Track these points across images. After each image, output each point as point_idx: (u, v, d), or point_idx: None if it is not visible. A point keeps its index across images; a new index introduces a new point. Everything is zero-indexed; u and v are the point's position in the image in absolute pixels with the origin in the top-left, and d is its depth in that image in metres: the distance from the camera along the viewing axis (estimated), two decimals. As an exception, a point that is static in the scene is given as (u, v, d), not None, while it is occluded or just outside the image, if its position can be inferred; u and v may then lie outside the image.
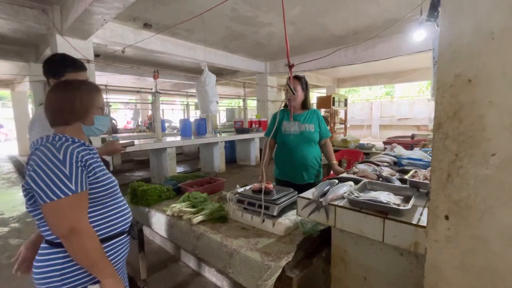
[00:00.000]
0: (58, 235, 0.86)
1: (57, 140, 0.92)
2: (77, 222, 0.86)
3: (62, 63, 1.43)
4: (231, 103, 18.09)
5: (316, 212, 1.23)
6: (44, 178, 0.83)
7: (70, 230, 0.84)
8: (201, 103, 3.82)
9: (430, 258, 0.74)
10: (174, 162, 5.55)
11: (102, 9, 3.25)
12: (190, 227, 1.57)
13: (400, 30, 5.32)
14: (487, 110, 0.62)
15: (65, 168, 0.86)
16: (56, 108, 0.98)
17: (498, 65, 0.60)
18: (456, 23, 0.65)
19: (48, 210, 0.84)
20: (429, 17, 1.39)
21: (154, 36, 5.08)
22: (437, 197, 0.72)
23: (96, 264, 0.89)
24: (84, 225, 0.89)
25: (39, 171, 0.84)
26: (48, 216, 0.85)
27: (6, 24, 4.58)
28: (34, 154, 0.89)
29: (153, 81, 5.33)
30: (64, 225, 0.84)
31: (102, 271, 0.90)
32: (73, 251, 0.87)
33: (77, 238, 0.85)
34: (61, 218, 0.84)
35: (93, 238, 0.90)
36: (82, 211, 0.90)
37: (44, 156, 0.86)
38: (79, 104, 0.99)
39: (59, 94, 0.99)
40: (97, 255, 0.89)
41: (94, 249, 0.89)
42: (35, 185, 0.83)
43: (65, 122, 0.98)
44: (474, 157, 0.65)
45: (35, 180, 0.84)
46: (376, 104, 15.83)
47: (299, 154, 2.05)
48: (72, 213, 0.86)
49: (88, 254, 0.87)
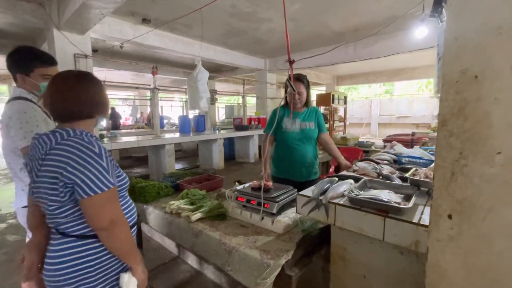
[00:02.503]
0: (98, 227, 0.88)
1: (79, 134, 0.91)
2: (116, 214, 0.91)
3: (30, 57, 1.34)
4: (230, 100, 18.04)
5: (316, 210, 1.22)
6: (86, 172, 0.84)
7: (111, 221, 0.87)
8: (190, 99, 3.79)
9: (432, 257, 0.73)
10: (172, 159, 5.53)
11: (99, 3, 3.20)
12: (189, 224, 1.55)
13: (401, 27, 5.29)
14: (493, 107, 0.61)
15: (103, 162, 0.88)
16: (72, 103, 0.93)
17: (505, 60, 0.59)
18: (462, 17, 0.63)
19: (91, 203, 0.85)
20: (433, 13, 1.37)
21: (152, 32, 5.03)
22: (440, 196, 0.70)
23: (130, 251, 0.95)
24: (121, 215, 0.93)
25: (79, 166, 0.84)
26: (89, 210, 0.86)
27: (3, 18, 4.51)
28: (60, 149, 0.86)
29: (152, 77, 5.29)
30: (106, 217, 0.87)
31: (134, 258, 0.95)
32: (111, 241, 0.90)
33: (117, 229, 0.89)
34: (103, 210, 0.87)
35: (127, 227, 0.95)
36: (118, 203, 0.95)
37: (78, 151, 0.85)
38: (97, 97, 0.98)
39: (73, 88, 0.94)
40: (131, 244, 0.95)
41: (129, 238, 0.94)
42: (78, 179, 0.83)
43: (78, 117, 0.95)
44: (479, 155, 0.64)
45: (77, 174, 0.83)
46: (376, 102, 15.81)
47: (299, 152, 2.04)
48: (112, 205, 0.90)
49: (124, 243, 0.92)
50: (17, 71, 1.34)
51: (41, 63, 1.35)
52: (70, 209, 0.89)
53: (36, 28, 4.93)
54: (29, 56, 1.35)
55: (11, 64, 1.35)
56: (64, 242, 0.91)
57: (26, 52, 1.36)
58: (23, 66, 1.33)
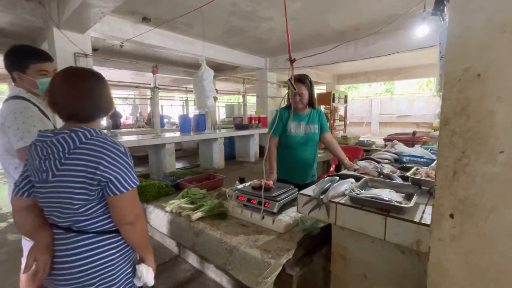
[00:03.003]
0: (126, 222, 0.92)
1: (101, 134, 0.93)
2: (140, 209, 0.97)
3: (25, 54, 1.35)
4: (231, 99, 18.03)
5: (317, 209, 1.22)
6: (118, 170, 0.88)
7: (136, 216, 0.93)
8: (197, 98, 3.77)
9: (434, 257, 0.73)
10: (173, 158, 5.53)
11: (99, 2, 3.19)
12: (189, 223, 1.55)
13: (402, 26, 5.27)
14: (496, 106, 0.60)
15: (130, 161, 0.93)
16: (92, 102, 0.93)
17: (509, 59, 0.58)
18: (466, 15, 0.63)
19: (122, 200, 0.90)
20: (435, 11, 1.36)
21: (153, 31, 5.01)
22: (442, 195, 0.70)
23: (147, 243, 1.01)
24: (142, 210, 1.01)
25: (111, 165, 0.87)
26: (120, 206, 0.91)
27: (3, 17, 4.50)
28: (88, 149, 0.87)
29: (152, 76, 5.28)
30: (134, 212, 0.93)
31: (149, 250, 1.02)
32: (136, 235, 0.95)
33: (141, 223, 0.96)
34: (132, 206, 0.93)
35: (145, 221, 1.03)
36: (138, 199, 1.00)
37: (109, 151, 0.88)
38: (110, 97, 1.01)
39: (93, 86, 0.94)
40: (148, 236, 1.03)
41: (147, 231, 1.02)
42: (113, 176, 0.87)
43: (92, 117, 0.96)
44: (482, 154, 0.63)
45: (111, 173, 0.87)
46: (376, 101, 15.78)
47: (302, 155, 2.03)
48: (137, 201, 0.96)
49: (145, 235, 0.99)
50: (13, 69, 1.35)
51: (36, 59, 1.35)
52: (95, 206, 0.91)
53: (36, 27, 4.92)
54: (23, 53, 1.36)
55: (7, 63, 1.36)
56: (82, 239, 0.90)
57: (20, 50, 1.37)
58: (19, 64, 1.34)
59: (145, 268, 0.99)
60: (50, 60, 1.41)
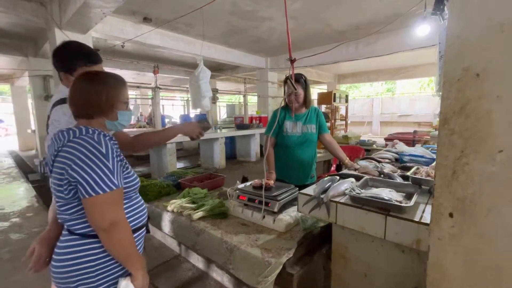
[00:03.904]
0: (98, 228, 0.87)
1: (92, 133, 0.91)
2: (117, 216, 0.89)
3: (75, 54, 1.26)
4: (232, 99, 18.03)
5: (317, 209, 1.22)
6: (90, 172, 0.84)
7: (111, 223, 0.86)
8: (193, 98, 3.77)
9: (433, 256, 0.73)
10: (174, 158, 5.54)
11: (100, 2, 3.20)
12: (190, 223, 1.56)
13: (403, 25, 5.26)
14: (495, 105, 0.61)
15: (109, 163, 0.87)
16: (81, 102, 0.95)
17: (507, 58, 0.58)
18: (464, 15, 0.63)
19: (92, 203, 0.85)
20: (435, 11, 1.36)
21: (153, 31, 5.03)
22: (441, 194, 0.70)
23: (130, 256, 0.92)
24: (122, 218, 0.91)
25: (83, 164, 0.84)
26: (90, 210, 0.86)
27: (4, 17, 4.53)
28: (69, 147, 0.87)
29: (153, 76, 5.30)
30: (106, 219, 0.85)
31: (134, 264, 0.93)
32: (110, 244, 0.88)
33: (116, 232, 0.87)
34: (104, 211, 0.86)
35: (129, 231, 0.93)
36: (121, 205, 0.93)
37: (85, 149, 0.85)
38: (105, 98, 0.96)
39: (84, 87, 0.96)
40: (132, 248, 0.92)
41: (130, 243, 0.92)
42: (81, 178, 0.83)
43: (90, 116, 0.96)
44: (480, 153, 0.63)
45: (80, 173, 0.83)
46: (377, 100, 15.76)
47: (298, 156, 2.01)
48: (113, 207, 0.88)
49: (125, 247, 0.90)
50: (61, 70, 1.26)
51: (84, 61, 1.25)
52: (74, 207, 0.90)
53: (38, 28, 4.95)
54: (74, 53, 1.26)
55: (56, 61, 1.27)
56: (69, 240, 0.92)
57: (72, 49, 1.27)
58: (65, 65, 1.25)
59: (125, 283, 0.91)
60: (99, 63, 1.31)
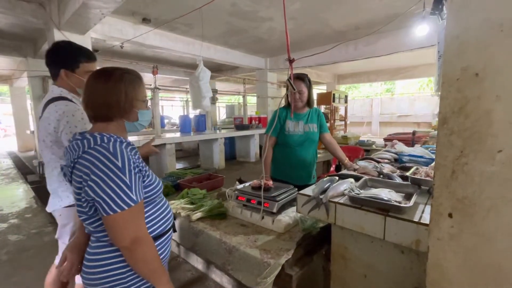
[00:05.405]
0: (120, 246, 0.83)
1: (107, 141, 0.84)
2: (139, 232, 0.84)
3: (76, 52, 1.27)
4: (231, 99, 18.03)
5: (316, 209, 1.22)
6: (106, 189, 0.79)
7: (132, 240, 0.82)
8: (193, 98, 3.78)
9: (433, 256, 0.73)
10: (173, 159, 5.54)
11: (99, 3, 3.20)
12: (189, 223, 1.55)
13: (402, 25, 5.27)
14: (494, 105, 0.60)
15: (126, 177, 0.81)
16: (98, 103, 0.88)
17: (507, 58, 0.58)
18: (463, 14, 0.63)
19: (111, 222, 0.80)
20: (434, 10, 1.36)
21: (153, 31, 5.02)
22: (440, 194, 0.70)
23: (155, 272, 0.87)
24: (145, 234, 0.86)
25: (99, 181, 0.79)
26: (110, 228, 0.82)
27: (3, 18, 4.52)
28: (84, 159, 0.82)
29: (152, 77, 5.29)
30: (127, 236, 0.81)
31: (159, 279, 0.88)
32: (134, 260, 0.84)
33: (139, 248, 0.83)
34: (124, 229, 0.81)
35: (152, 246, 0.88)
36: (142, 220, 0.88)
37: (100, 163, 0.80)
38: (124, 98, 0.89)
39: (100, 87, 0.88)
40: (156, 264, 0.88)
41: (154, 258, 0.87)
42: (97, 196, 0.79)
43: (109, 118, 0.90)
44: (480, 153, 0.63)
45: (96, 191, 0.79)
46: (377, 101, 15.77)
47: (300, 155, 2.01)
48: (134, 223, 0.83)
49: (148, 263, 0.86)
50: (62, 67, 1.26)
51: (87, 59, 1.28)
52: (97, 221, 0.86)
53: (37, 28, 4.94)
54: (74, 51, 1.28)
55: (55, 59, 1.27)
56: (99, 246, 0.89)
57: (71, 47, 1.28)
58: (69, 62, 1.25)
59: None
60: (95, 60, 1.33)
